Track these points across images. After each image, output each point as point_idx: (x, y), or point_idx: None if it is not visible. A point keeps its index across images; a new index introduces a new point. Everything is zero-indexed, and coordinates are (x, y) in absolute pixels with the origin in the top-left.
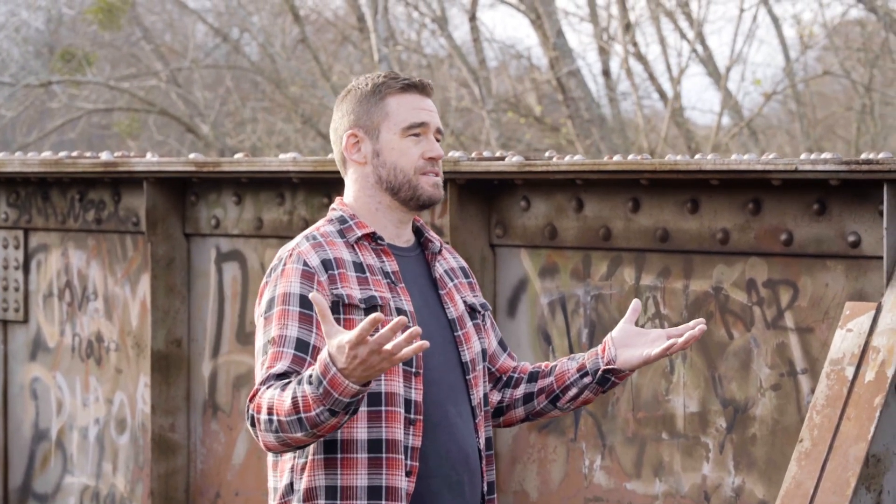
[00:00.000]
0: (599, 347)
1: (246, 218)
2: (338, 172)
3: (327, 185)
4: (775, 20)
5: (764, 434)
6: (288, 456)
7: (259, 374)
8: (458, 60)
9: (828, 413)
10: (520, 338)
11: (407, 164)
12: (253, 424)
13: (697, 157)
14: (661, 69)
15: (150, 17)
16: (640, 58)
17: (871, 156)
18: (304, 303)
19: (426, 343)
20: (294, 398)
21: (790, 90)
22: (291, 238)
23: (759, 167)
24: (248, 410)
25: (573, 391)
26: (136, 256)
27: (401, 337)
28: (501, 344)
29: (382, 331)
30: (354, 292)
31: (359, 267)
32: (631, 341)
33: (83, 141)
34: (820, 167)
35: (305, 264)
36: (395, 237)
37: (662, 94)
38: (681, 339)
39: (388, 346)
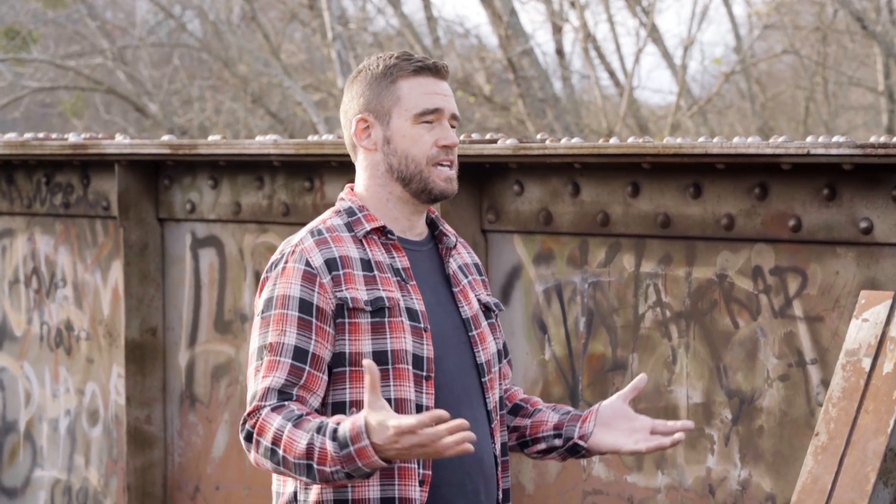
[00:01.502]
0: (585, 413)
1: (223, 202)
2: (321, 156)
3: (309, 168)
4: (726, 1)
5: (771, 426)
6: None
7: (254, 382)
8: (411, 38)
9: (844, 406)
10: (514, 326)
11: (419, 152)
12: (248, 440)
13: (701, 139)
14: (610, 49)
15: None
16: (591, 38)
17: (884, 139)
18: (304, 307)
19: (471, 448)
20: (310, 445)
21: (740, 70)
22: (270, 223)
23: (768, 151)
24: (244, 424)
25: (542, 446)
26: (107, 242)
27: (450, 438)
28: (504, 349)
29: (438, 428)
30: (360, 294)
31: (366, 264)
32: (614, 422)
33: (27, 120)
34: (833, 151)
35: (308, 264)
36: (407, 229)
37: (612, 74)
38: (666, 441)
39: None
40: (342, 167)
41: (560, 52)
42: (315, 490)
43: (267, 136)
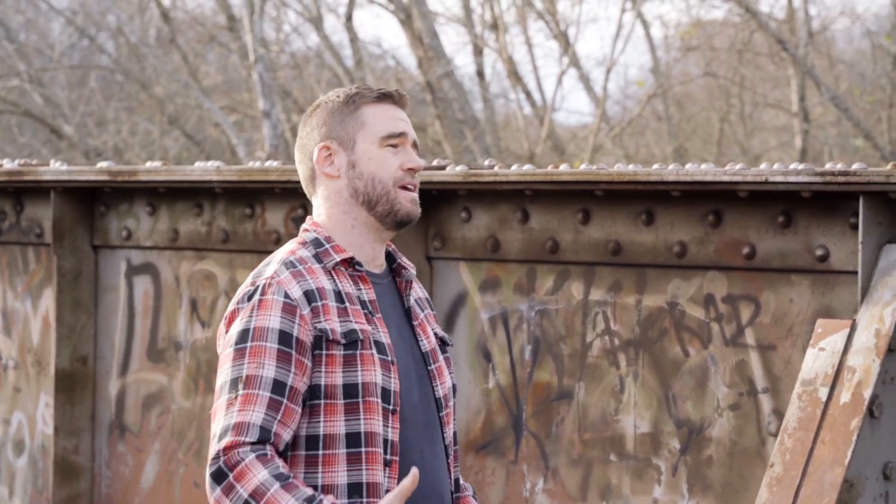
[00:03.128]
0: None
1: (160, 229)
2: (262, 182)
3: (250, 194)
4: (644, 22)
5: (721, 456)
6: None
7: (225, 415)
8: (332, 60)
9: (800, 436)
10: (458, 355)
11: (386, 174)
12: (218, 478)
13: (656, 167)
14: (527, 69)
15: (13, 17)
16: (511, 61)
17: (840, 166)
18: (284, 339)
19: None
20: None
21: (661, 92)
22: (209, 251)
23: (725, 178)
24: (216, 459)
25: None
26: (39, 269)
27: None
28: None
29: None
30: (336, 326)
31: (338, 296)
32: None
33: None
34: (792, 178)
35: (287, 296)
36: (371, 261)
37: (529, 96)
38: None
39: None
40: (285, 194)
41: (480, 73)
42: None
43: (209, 162)
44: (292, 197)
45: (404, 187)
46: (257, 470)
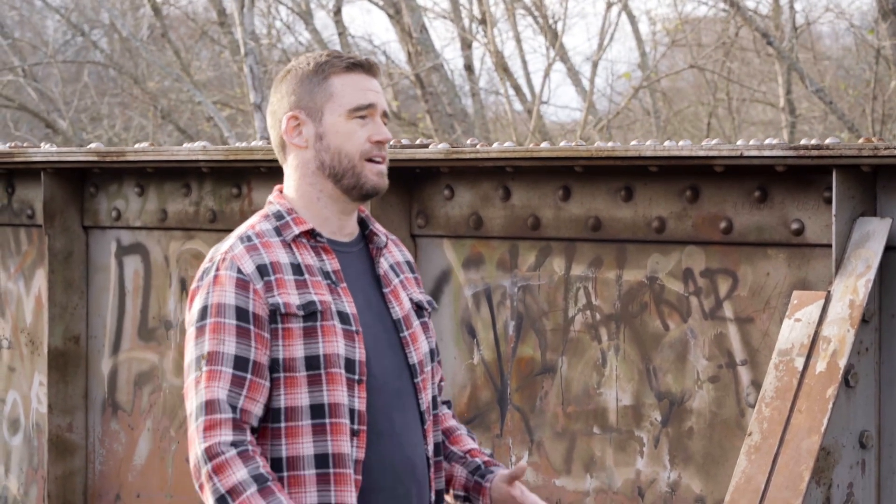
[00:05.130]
0: (483, 486)
1: (149, 209)
2: (249, 161)
3: (237, 174)
4: (631, 17)
5: (701, 427)
6: None
7: (195, 394)
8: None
9: (777, 405)
10: (442, 331)
11: (352, 148)
12: (199, 467)
13: (634, 143)
14: (516, 65)
15: (7, 13)
16: (499, 55)
17: (815, 141)
18: (241, 315)
19: None
20: None
21: (647, 85)
22: (197, 230)
23: (702, 153)
24: (202, 438)
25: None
26: (31, 250)
27: None
28: (436, 349)
29: None
30: (292, 298)
31: (296, 269)
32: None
33: None
34: (766, 153)
35: (239, 271)
36: (337, 230)
37: (518, 90)
38: None
39: None
40: (271, 173)
41: (469, 67)
42: None
43: (195, 142)
44: (279, 176)
45: (371, 160)
46: (237, 468)
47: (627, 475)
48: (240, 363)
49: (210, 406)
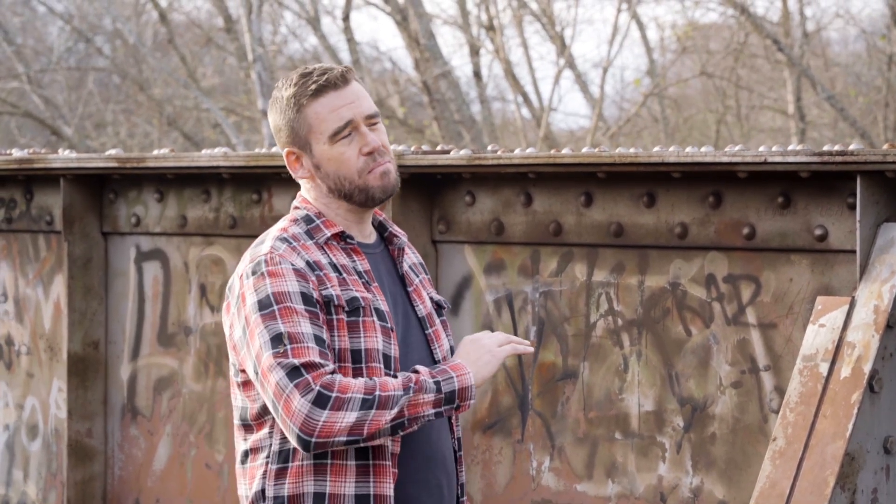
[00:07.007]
0: None
1: (169, 216)
2: (270, 167)
3: (258, 180)
4: (639, 23)
5: (724, 433)
6: (259, 461)
7: (282, 365)
8: (332, 62)
9: (802, 410)
10: (463, 336)
11: (348, 170)
12: (320, 402)
13: (657, 149)
14: (523, 72)
15: (12, 20)
16: (506, 61)
17: (838, 147)
18: (307, 300)
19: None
20: (407, 378)
21: (657, 92)
22: (217, 236)
23: (725, 159)
24: (309, 387)
25: None
26: (49, 256)
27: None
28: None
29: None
30: (340, 292)
31: (334, 268)
32: None
33: None
34: (791, 159)
35: (292, 264)
36: (359, 234)
37: (526, 98)
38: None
39: None
40: (291, 179)
41: (477, 74)
42: (289, 485)
43: (215, 148)
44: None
45: (370, 170)
46: (353, 380)
47: (650, 481)
48: (320, 342)
49: (310, 366)
